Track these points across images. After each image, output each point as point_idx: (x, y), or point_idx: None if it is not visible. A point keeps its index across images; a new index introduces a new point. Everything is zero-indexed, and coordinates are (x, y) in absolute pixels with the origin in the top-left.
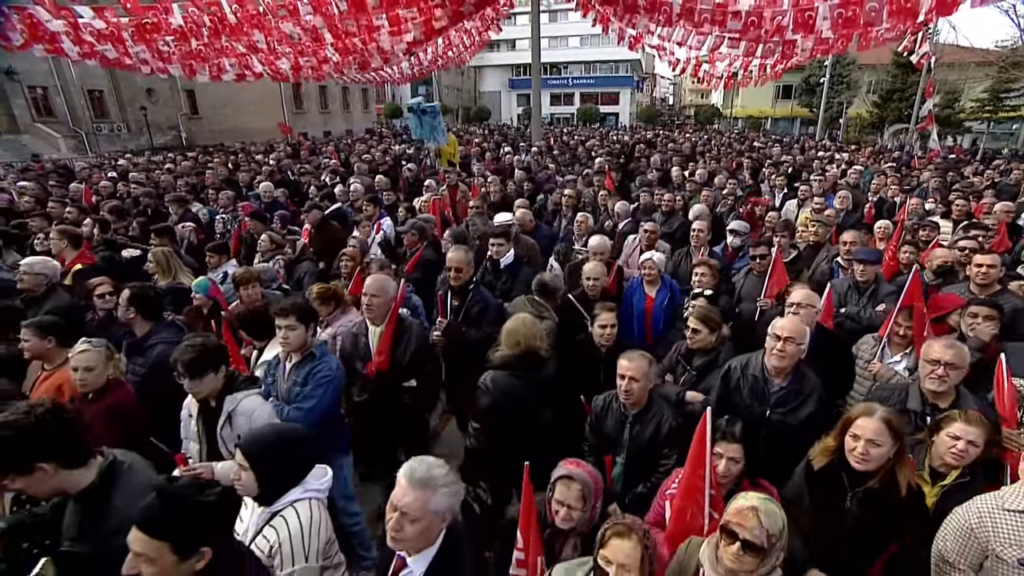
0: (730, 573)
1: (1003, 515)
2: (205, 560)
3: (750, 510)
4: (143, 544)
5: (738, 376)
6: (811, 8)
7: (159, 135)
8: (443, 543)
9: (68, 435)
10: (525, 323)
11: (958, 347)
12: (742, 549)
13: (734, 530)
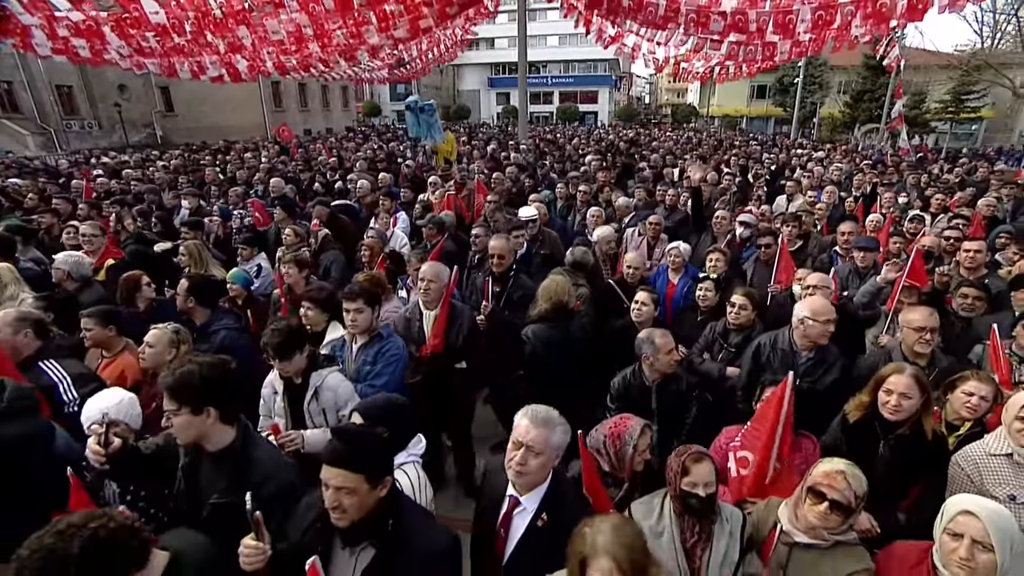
0: (810, 530)
1: (989, 459)
2: (387, 488)
3: (839, 473)
4: (343, 478)
5: (768, 351)
6: (790, 11)
7: (133, 133)
8: (551, 480)
9: (236, 392)
10: (556, 282)
11: (935, 314)
12: (830, 508)
13: (823, 491)
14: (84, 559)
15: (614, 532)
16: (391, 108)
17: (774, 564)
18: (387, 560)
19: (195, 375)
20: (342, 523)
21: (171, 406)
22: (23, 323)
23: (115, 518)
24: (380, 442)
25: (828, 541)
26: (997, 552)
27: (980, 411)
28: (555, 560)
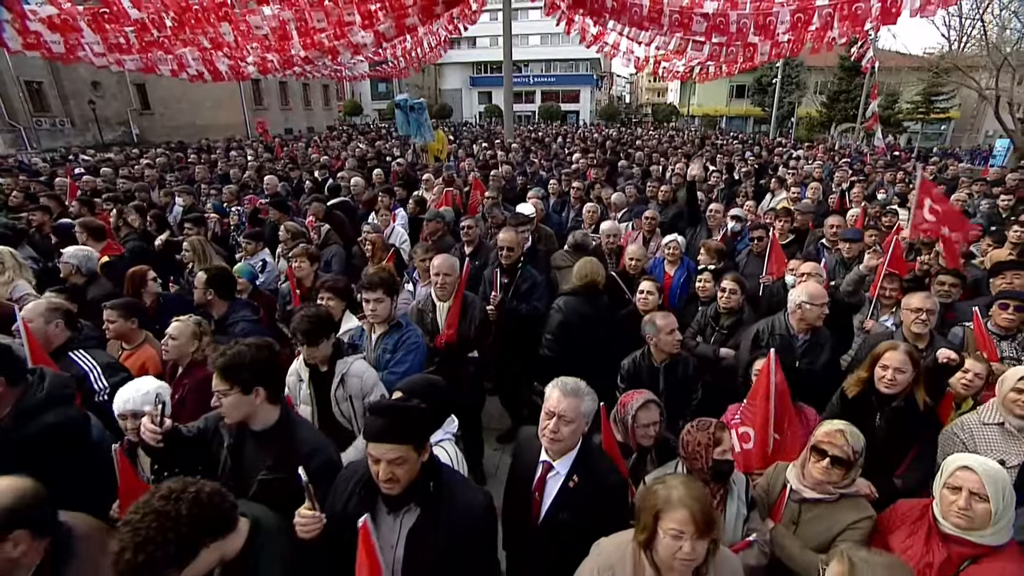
0: (817, 485)
1: (982, 428)
2: (427, 453)
3: (838, 432)
4: (395, 451)
5: (767, 336)
6: (770, 13)
7: (107, 131)
8: (581, 446)
9: (281, 374)
10: (590, 262)
11: (932, 298)
12: (831, 464)
13: (824, 448)
14: (190, 519)
15: (686, 487)
16: (372, 107)
17: (786, 520)
18: (431, 519)
19: (245, 356)
20: (394, 492)
21: (222, 386)
22: (55, 313)
23: (208, 485)
24: (418, 411)
25: (834, 495)
26: (992, 501)
27: (974, 388)
28: (587, 516)
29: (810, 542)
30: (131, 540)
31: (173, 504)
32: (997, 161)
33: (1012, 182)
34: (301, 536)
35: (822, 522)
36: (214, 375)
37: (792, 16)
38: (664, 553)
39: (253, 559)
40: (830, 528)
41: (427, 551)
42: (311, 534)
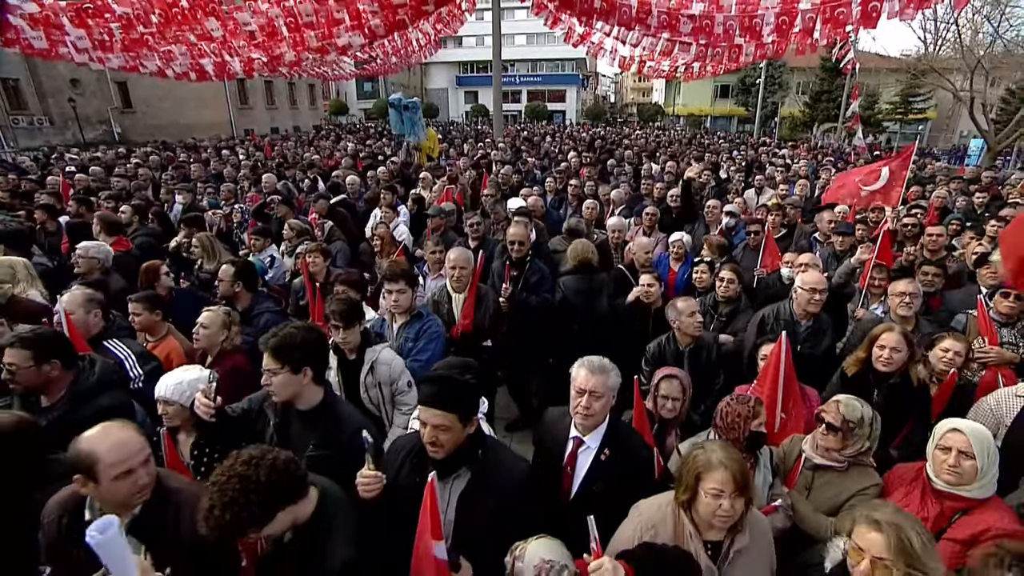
0: (824, 451)
1: (1014, 399)
2: (475, 425)
3: (834, 403)
4: (440, 418)
5: (772, 321)
6: (755, 15)
7: (88, 129)
8: (609, 421)
9: (326, 356)
10: (582, 243)
11: (916, 283)
12: (826, 430)
13: (823, 417)
14: (269, 483)
15: (725, 451)
16: (358, 106)
17: (800, 486)
18: (479, 485)
19: (296, 338)
20: (438, 456)
21: (273, 365)
22: (92, 303)
23: (283, 453)
24: (468, 386)
25: (843, 464)
26: (978, 459)
27: (955, 364)
28: (618, 487)
29: (820, 506)
30: (219, 499)
31: (254, 469)
32: (972, 160)
33: (986, 180)
34: (363, 496)
35: (832, 488)
36: (265, 355)
37: (776, 19)
38: (704, 511)
39: (323, 524)
40: (839, 494)
41: (477, 514)
42: (372, 493)
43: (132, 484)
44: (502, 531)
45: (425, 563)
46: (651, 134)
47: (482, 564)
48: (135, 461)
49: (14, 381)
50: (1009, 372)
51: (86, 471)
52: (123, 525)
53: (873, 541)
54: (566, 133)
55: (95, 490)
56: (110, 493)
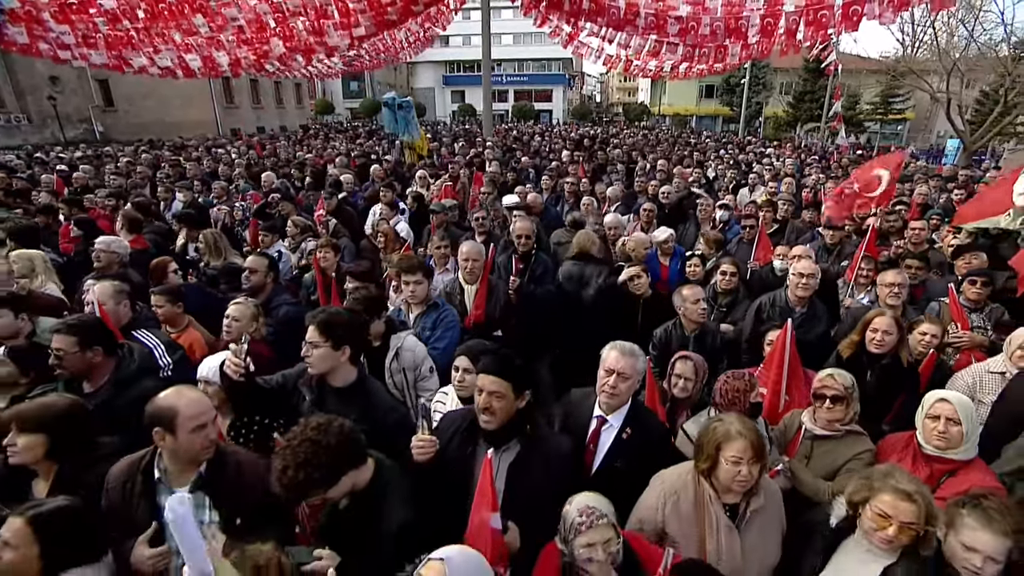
0: (825, 423)
1: (988, 375)
2: (525, 400)
3: (828, 376)
4: (496, 384)
5: (768, 308)
6: (741, 17)
7: (68, 128)
8: (632, 402)
9: (364, 339)
10: (585, 235)
11: (903, 274)
12: (831, 403)
13: (823, 392)
14: (337, 447)
15: (742, 423)
16: (344, 106)
17: (800, 455)
18: (528, 456)
19: (342, 317)
20: (491, 425)
21: (317, 339)
22: (122, 294)
23: (347, 422)
24: (519, 360)
25: (840, 432)
26: (963, 423)
27: (932, 346)
28: (638, 463)
29: (819, 472)
30: (293, 460)
31: (323, 434)
32: (948, 159)
33: (963, 178)
34: (417, 459)
35: (830, 455)
36: (310, 328)
37: (761, 20)
38: (725, 477)
39: (380, 490)
40: (836, 460)
41: (525, 483)
42: (426, 456)
43: (203, 438)
44: (547, 499)
45: (480, 532)
46: (638, 133)
47: (529, 528)
48: (207, 417)
49: (61, 366)
50: (981, 355)
51: (167, 424)
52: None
53: (905, 511)
54: (555, 132)
55: (172, 443)
56: (184, 446)
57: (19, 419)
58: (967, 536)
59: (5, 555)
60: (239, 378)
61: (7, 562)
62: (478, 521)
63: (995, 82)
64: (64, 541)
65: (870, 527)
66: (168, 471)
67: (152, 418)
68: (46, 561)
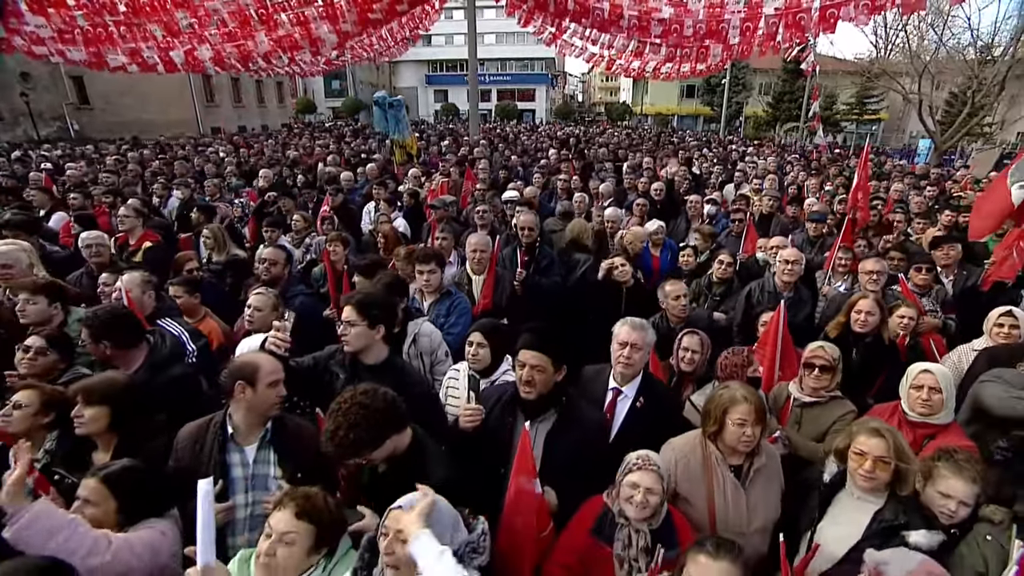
0: (812, 391)
1: (971, 352)
2: (562, 374)
3: (819, 347)
4: (537, 359)
5: (757, 294)
6: (722, 19)
7: (41, 126)
8: (644, 373)
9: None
10: (579, 223)
11: (882, 261)
12: (820, 372)
13: (814, 362)
14: (383, 411)
15: (745, 389)
16: (326, 105)
17: (791, 422)
18: (563, 425)
19: (378, 298)
20: (531, 396)
21: (354, 317)
22: (148, 284)
23: (389, 390)
24: (558, 335)
25: (825, 398)
26: (944, 392)
27: (909, 328)
28: (651, 430)
29: (809, 435)
30: (344, 422)
31: (371, 399)
32: (921, 159)
33: (934, 176)
34: (464, 426)
35: (818, 420)
36: (348, 308)
37: (742, 23)
38: (730, 439)
39: (419, 454)
40: (823, 423)
41: (561, 450)
42: (473, 424)
43: (276, 394)
44: (581, 465)
45: (522, 497)
46: (622, 132)
47: (564, 493)
48: (279, 376)
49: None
50: (938, 337)
51: (249, 377)
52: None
53: (875, 445)
54: (540, 131)
55: (251, 396)
56: (261, 399)
57: (86, 392)
58: (942, 485)
59: (87, 511)
60: (284, 353)
61: (90, 517)
62: (517, 487)
63: (963, 84)
64: (134, 495)
65: (853, 469)
66: (239, 428)
67: (235, 373)
68: (123, 514)
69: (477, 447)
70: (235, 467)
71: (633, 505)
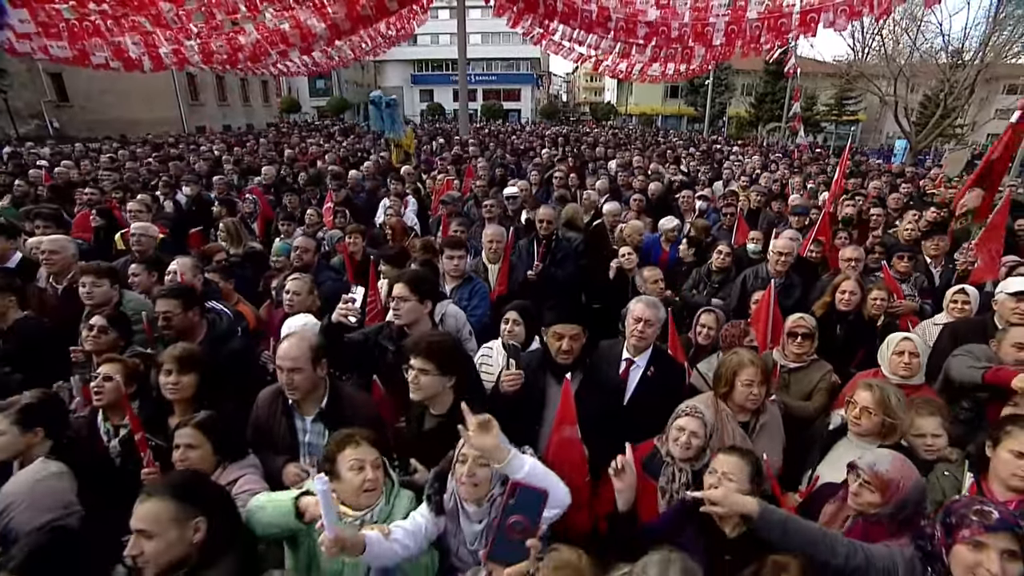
0: (796, 357)
1: (932, 326)
2: (586, 338)
3: (800, 317)
4: (576, 329)
5: (752, 279)
6: (707, 23)
7: (20, 124)
8: (653, 346)
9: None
10: (572, 207)
11: (859, 249)
12: (802, 339)
13: (797, 330)
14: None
15: (752, 354)
16: (311, 104)
17: (780, 386)
18: (589, 384)
19: (426, 276)
20: (569, 361)
21: (406, 294)
22: (197, 269)
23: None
24: (585, 307)
25: (806, 362)
26: (921, 355)
27: (882, 308)
28: (661, 397)
29: (797, 396)
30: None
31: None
32: (897, 158)
33: (910, 174)
34: (507, 390)
35: (802, 381)
36: (399, 285)
37: (726, 27)
38: (739, 398)
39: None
40: (808, 383)
41: (585, 407)
42: (514, 387)
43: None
44: (601, 421)
45: (566, 445)
46: (608, 132)
47: (591, 442)
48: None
49: (169, 327)
50: (915, 319)
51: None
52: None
53: (863, 397)
54: (529, 131)
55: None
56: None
57: (180, 361)
58: (916, 425)
59: (191, 455)
60: (356, 322)
61: (195, 459)
62: (560, 437)
63: (936, 87)
64: (224, 438)
65: (847, 417)
66: (298, 400)
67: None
68: (218, 455)
69: (515, 408)
70: (299, 432)
71: (678, 445)
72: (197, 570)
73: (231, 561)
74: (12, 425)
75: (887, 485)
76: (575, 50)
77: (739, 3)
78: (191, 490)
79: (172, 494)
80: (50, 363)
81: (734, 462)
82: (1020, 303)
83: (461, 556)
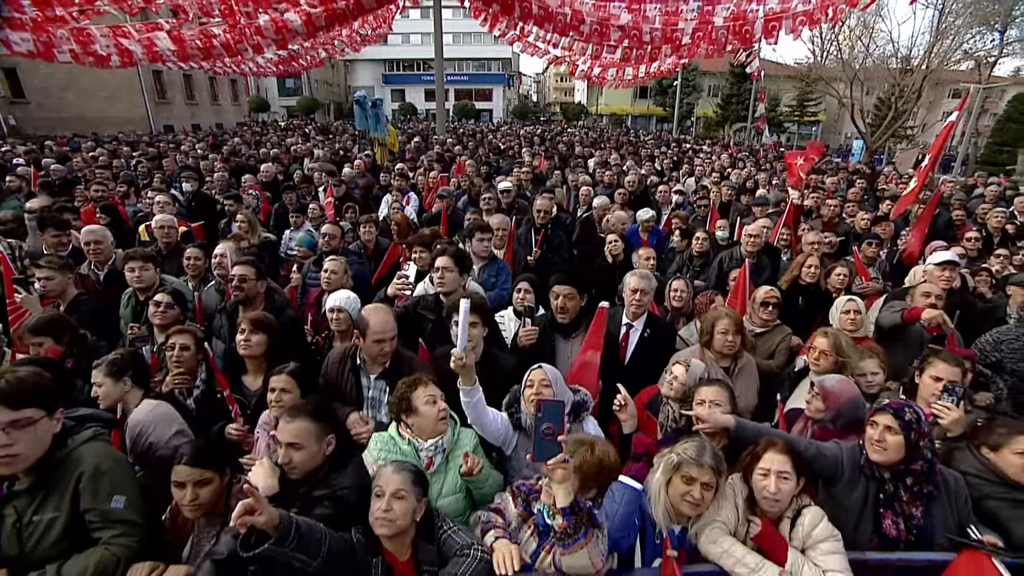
0: (762, 322)
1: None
2: (584, 301)
3: (769, 289)
4: (569, 289)
5: (727, 261)
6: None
7: None
8: (649, 312)
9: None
10: (561, 192)
11: (821, 235)
12: (771, 308)
13: (768, 301)
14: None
15: (727, 309)
16: (280, 103)
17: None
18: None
19: (465, 252)
20: (566, 320)
21: (449, 265)
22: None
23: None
24: (579, 276)
25: (770, 327)
26: (863, 312)
27: (844, 283)
28: (656, 356)
29: (763, 355)
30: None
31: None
32: (855, 157)
33: (866, 171)
34: (523, 344)
35: (766, 343)
36: (443, 258)
37: (694, 33)
38: (718, 345)
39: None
40: (772, 344)
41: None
42: (531, 341)
43: (380, 350)
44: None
45: (586, 368)
46: (579, 132)
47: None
48: (386, 335)
49: (241, 289)
50: (880, 301)
51: (362, 330)
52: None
53: (821, 343)
54: (503, 130)
55: (362, 343)
56: (368, 350)
57: (253, 322)
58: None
59: (285, 398)
60: (408, 292)
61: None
62: (583, 360)
63: (888, 91)
64: (308, 384)
65: (808, 360)
66: (365, 360)
67: (357, 322)
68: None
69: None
70: (364, 388)
71: (668, 387)
72: (330, 472)
73: (358, 461)
74: (106, 377)
75: (828, 395)
76: (550, 52)
77: (706, 8)
78: (323, 414)
79: (313, 416)
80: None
81: (715, 390)
82: (944, 271)
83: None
